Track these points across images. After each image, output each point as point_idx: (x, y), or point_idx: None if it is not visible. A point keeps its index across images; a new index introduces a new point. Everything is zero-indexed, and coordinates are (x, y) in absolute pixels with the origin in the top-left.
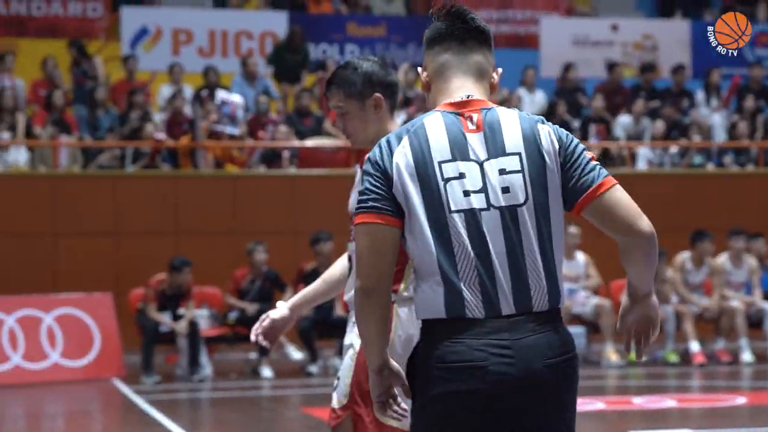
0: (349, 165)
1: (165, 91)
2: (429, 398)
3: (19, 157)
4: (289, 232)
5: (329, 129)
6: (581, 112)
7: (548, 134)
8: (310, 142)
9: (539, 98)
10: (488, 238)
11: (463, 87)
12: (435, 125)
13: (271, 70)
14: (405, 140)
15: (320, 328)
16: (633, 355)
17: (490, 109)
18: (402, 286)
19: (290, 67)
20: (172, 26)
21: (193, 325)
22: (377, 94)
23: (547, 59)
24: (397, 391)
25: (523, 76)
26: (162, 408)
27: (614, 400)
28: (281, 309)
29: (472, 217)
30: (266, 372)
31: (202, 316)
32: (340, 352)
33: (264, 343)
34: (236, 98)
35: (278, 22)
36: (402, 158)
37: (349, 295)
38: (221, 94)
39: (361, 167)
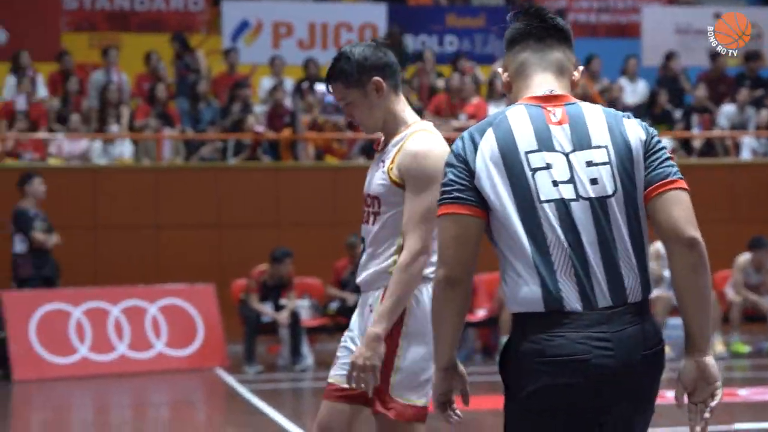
0: None
1: (266, 83)
2: (527, 394)
3: (123, 149)
4: None
5: (428, 119)
6: (683, 101)
7: (634, 128)
8: None
9: (641, 87)
10: (580, 229)
11: (544, 82)
12: (518, 117)
13: None
14: (489, 132)
15: None
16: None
17: (573, 103)
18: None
19: None
20: (272, 19)
21: (294, 316)
22: (375, 78)
23: (648, 48)
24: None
25: (625, 66)
26: (265, 397)
27: None
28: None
29: (563, 207)
30: None
31: (303, 306)
32: None
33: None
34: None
35: (378, 14)
36: (487, 149)
37: (361, 277)
38: (321, 87)
39: (376, 151)
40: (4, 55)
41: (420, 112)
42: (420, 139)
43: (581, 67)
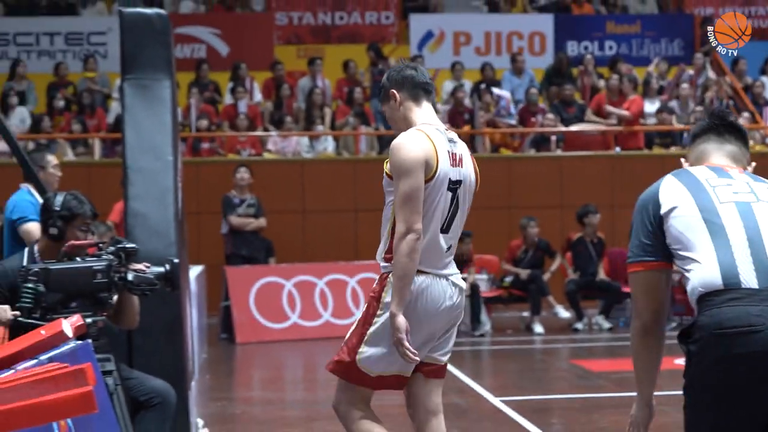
0: (608, 147)
1: (447, 86)
2: (707, 364)
3: (327, 145)
4: (557, 206)
5: (591, 116)
6: None
7: None
8: (574, 128)
9: None
10: (758, 221)
11: (720, 162)
12: (698, 168)
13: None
14: (668, 177)
15: (584, 290)
16: None
17: (746, 172)
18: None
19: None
20: (453, 30)
21: (474, 288)
22: (391, 90)
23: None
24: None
25: (766, 65)
26: (449, 359)
27: None
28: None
29: (743, 205)
30: (538, 328)
31: (482, 279)
32: (602, 311)
33: None
34: (506, 93)
35: (545, 23)
36: (669, 183)
37: (378, 258)
38: (495, 91)
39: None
40: (226, 65)
41: (583, 109)
42: (401, 135)
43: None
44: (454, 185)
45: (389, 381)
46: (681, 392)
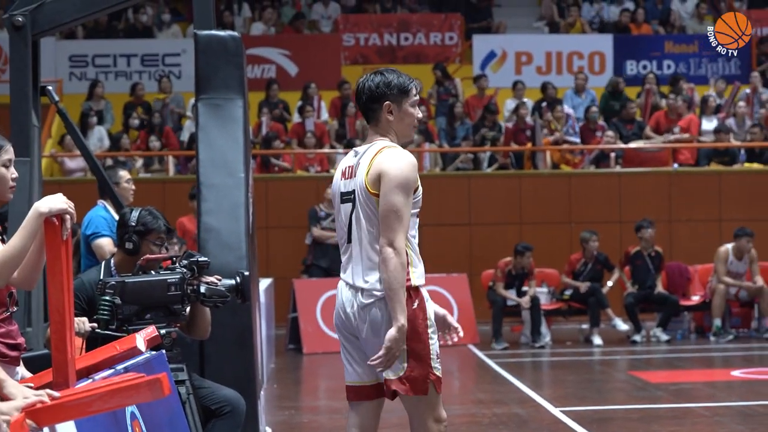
0: (666, 163)
1: (509, 104)
2: None
3: None
4: (616, 221)
5: (649, 133)
6: None
7: None
8: (633, 145)
9: None
10: None
11: None
12: None
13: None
14: None
15: (643, 303)
16: None
17: None
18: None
19: (613, 107)
20: (514, 50)
21: (534, 300)
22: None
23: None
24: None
25: None
26: (510, 369)
27: None
28: None
29: None
30: (597, 340)
31: (543, 292)
32: (660, 324)
33: None
34: (572, 111)
35: (605, 43)
36: None
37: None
38: (566, 109)
39: None
40: (295, 85)
41: (642, 126)
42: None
43: None
44: (347, 196)
45: None
46: (738, 403)
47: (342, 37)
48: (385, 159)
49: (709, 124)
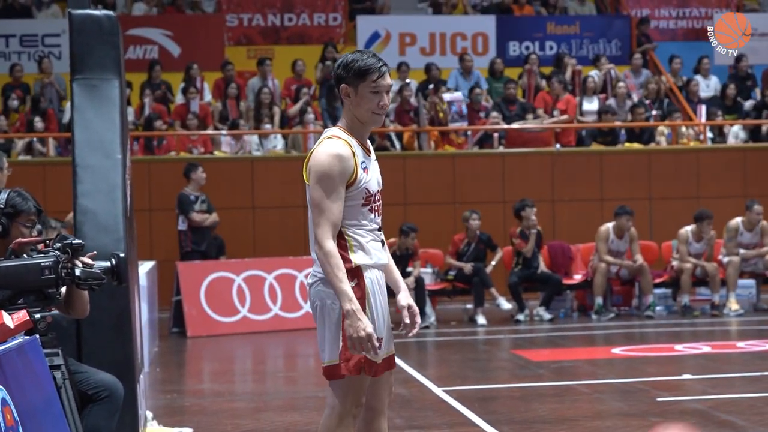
0: (549, 144)
1: (393, 85)
2: None
3: (276, 142)
4: (500, 201)
5: (540, 113)
6: (751, 95)
7: None
8: (516, 125)
9: (713, 83)
10: None
11: None
12: None
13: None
14: None
15: (526, 282)
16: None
17: None
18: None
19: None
20: (398, 31)
21: (419, 281)
22: None
23: (720, 50)
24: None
25: (698, 65)
26: (395, 349)
27: None
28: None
29: None
30: (481, 320)
31: (427, 273)
32: (543, 303)
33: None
34: (458, 96)
35: (488, 24)
36: None
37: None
38: (447, 96)
39: (367, 149)
40: (178, 66)
41: (524, 107)
42: None
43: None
44: None
45: None
46: (618, 380)
47: (225, 18)
48: (314, 152)
49: (590, 104)
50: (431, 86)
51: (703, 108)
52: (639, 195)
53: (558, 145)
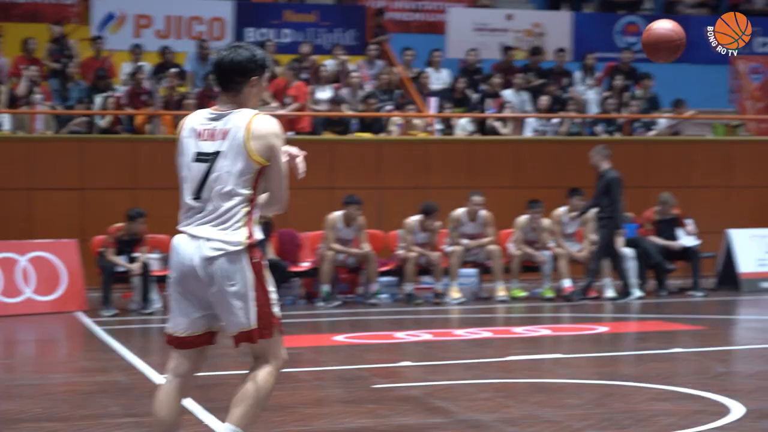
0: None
1: (126, 67)
2: None
3: (2, 122)
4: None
5: (269, 100)
6: (479, 88)
7: None
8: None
9: (444, 75)
10: None
11: None
12: None
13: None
14: None
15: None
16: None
17: None
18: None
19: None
20: (134, 12)
21: (145, 266)
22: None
23: (452, 43)
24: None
25: (431, 57)
26: (118, 336)
27: (499, 329)
28: None
29: None
30: None
31: (154, 258)
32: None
33: None
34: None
35: (225, 10)
36: None
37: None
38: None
39: None
40: None
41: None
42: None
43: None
44: (204, 156)
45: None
46: (339, 367)
47: None
48: (263, 123)
49: (323, 93)
50: (172, 70)
51: (434, 100)
52: (369, 184)
53: (291, 133)
